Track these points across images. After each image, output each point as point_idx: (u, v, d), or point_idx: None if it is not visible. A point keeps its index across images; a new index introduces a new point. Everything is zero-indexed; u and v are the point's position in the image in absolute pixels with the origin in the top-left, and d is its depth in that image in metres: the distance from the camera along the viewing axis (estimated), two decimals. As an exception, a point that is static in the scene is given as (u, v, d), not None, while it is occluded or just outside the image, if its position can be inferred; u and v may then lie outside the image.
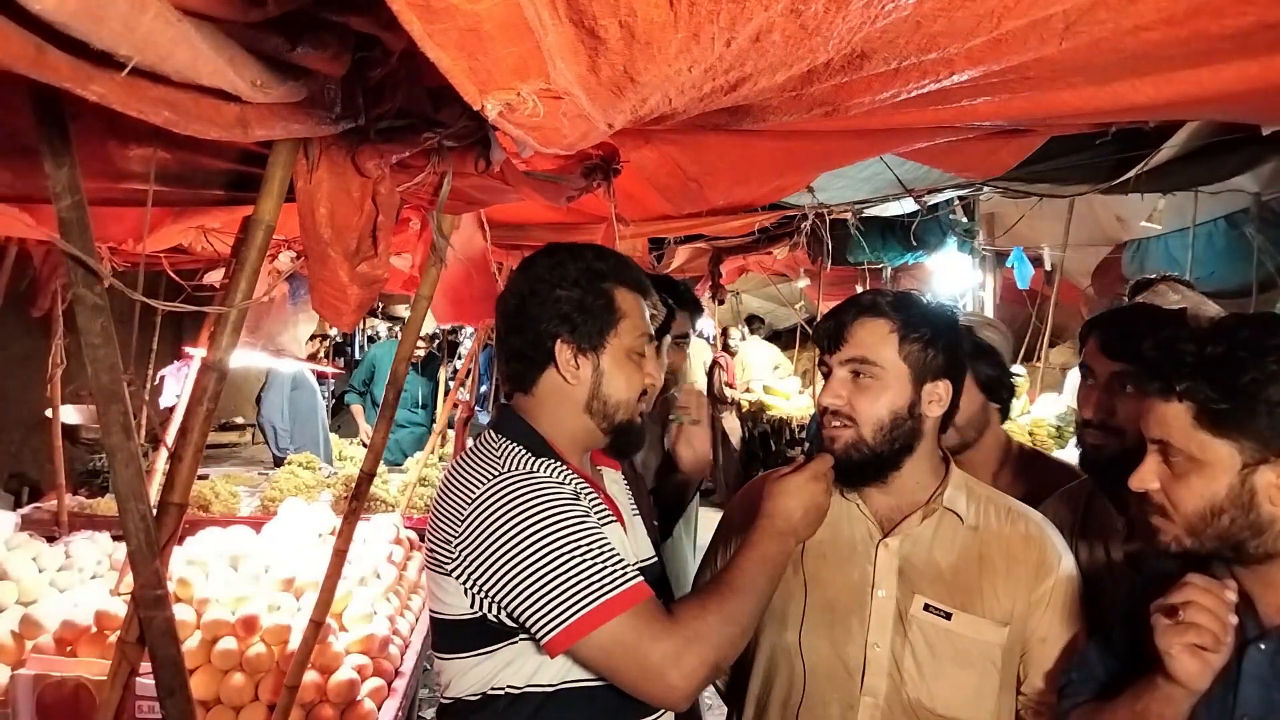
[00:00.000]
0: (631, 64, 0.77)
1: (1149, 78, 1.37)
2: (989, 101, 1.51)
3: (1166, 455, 1.24)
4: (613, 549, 1.35)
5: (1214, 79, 1.33)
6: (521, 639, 1.38)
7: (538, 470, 1.39)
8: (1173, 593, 1.21)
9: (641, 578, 1.35)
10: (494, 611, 1.36)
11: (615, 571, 1.32)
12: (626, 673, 1.31)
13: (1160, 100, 1.42)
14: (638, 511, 1.65)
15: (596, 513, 1.44)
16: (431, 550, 1.44)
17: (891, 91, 1.04)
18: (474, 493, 1.38)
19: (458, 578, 1.37)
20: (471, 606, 1.38)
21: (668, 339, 2.38)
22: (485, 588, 1.35)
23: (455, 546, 1.37)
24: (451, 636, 1.44)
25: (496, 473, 1.39)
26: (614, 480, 1.64)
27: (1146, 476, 1.26)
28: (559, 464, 1.44)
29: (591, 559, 1.31)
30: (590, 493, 1.46)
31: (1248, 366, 1.15)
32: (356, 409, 7.25)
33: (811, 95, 1.03)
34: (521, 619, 1.33)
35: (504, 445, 1.44)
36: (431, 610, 1.49)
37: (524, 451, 1.43)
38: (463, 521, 1.37)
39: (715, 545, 1.80)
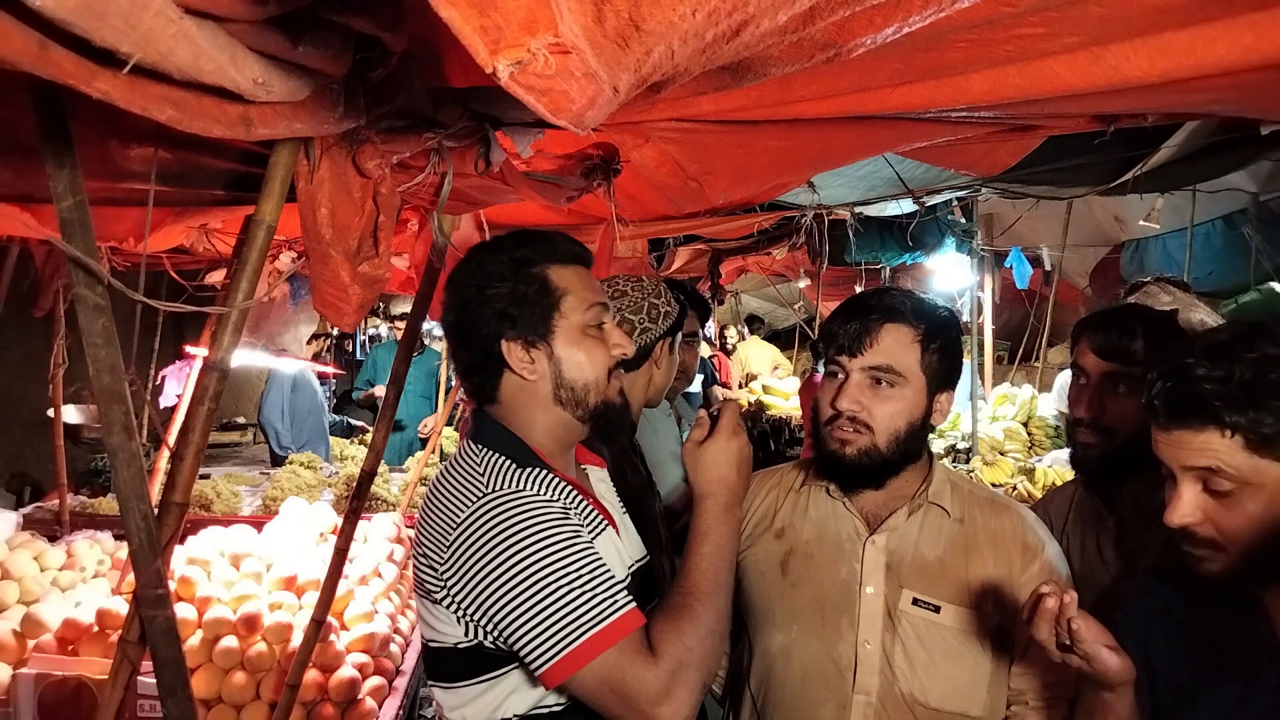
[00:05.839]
0: (636, 9, 0.77)
1: (1141, 42, 1.37)
2: (983, 76, 1.51)
3: (1208, 484, 1.19)
4: (605, 570, 1.28)
5: (1208, 49, 1.33)
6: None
7: (525, 486, 1.32)
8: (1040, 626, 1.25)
9: (633, 603, 1.28)
10: (491, 639, 1.29)
11: (606, 599, 1.25)
12: (618, 712, 1.24)
13: (1155, 74, 1.41)
14: (626, 510, 1.61)
15: (588, 523, 1.39)
16: (418, 574, 1.36)
17: (894, 26, 1.02)
18: (460, 515, 1.29)
19: (448, 606, 1.30)
20: (467, 634, 1.31)
21: (679, 335, 2.38)
22: (477, 616, 1.28)
23: (442, 573, 1.30)
24: (449, 665, 1.36)
25: (482, 491, 1.30)
26: (600, 479, 1.59)
27: (1186, 510, 1.19)
28: (546, 472, 1.36)
29: (582, 586, 1.24)
30: (580, 501, 1.40)
31: None
32: None
33: (813, 38, 1.01)
34: (516, 648, 1.26)
35: (486, 456, 1.36)
36: (424, 639, 1.40)
37: (508, 463, 1.35)
38: (449, 547, 1.29)
39: None
